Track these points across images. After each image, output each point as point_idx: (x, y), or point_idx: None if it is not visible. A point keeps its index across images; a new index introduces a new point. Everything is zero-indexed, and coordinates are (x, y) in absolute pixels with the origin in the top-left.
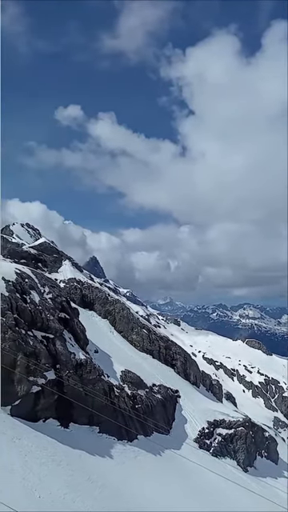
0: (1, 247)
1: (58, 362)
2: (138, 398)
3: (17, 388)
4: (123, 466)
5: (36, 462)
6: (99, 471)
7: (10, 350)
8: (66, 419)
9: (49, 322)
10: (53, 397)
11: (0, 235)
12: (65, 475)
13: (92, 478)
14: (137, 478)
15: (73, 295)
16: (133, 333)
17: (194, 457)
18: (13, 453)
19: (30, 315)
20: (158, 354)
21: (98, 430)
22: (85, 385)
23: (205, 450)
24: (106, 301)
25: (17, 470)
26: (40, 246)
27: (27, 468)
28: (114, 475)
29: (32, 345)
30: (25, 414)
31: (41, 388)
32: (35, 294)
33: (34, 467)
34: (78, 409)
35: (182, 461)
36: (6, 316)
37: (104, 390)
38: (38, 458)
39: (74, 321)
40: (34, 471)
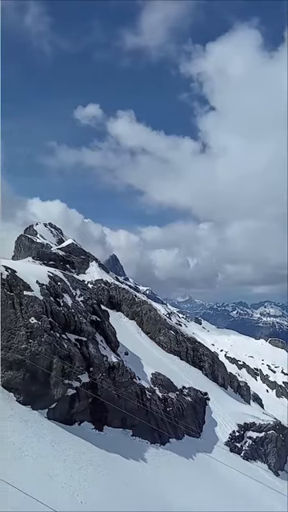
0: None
1: (92, 365)
2: (168, 400)
3: (53, 391)
4: (157, 470)
5: (75, 466)
6: (135, 475)
7: (46, 353)
8: (100, 422)
9: (81, 324)
10: (87, 400)
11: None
12: (103, 480)
13: (129, 483)
14: (171, 482)
15: (100, 296)
16: (160, 334)
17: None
18: (52, 457)
19: (63, 318)
20: (185, 355)
21: (131, 433)
22: (117, 388)
23: (236, 454)
24: (133, 302)
25: (58, 475)
26: (68, 248)
27: (67, 473)
28: (149, 479)
29: (66, 348)
30: (61, 417)
31: (76, 391)
32: (68, 297)
33: (74, 472)
34: (112, 412)
35: (215, 464)
36: (42, 320)
37: (136, 393)
38: (76, 462)
39: (105, 323)
40: (74, 476)
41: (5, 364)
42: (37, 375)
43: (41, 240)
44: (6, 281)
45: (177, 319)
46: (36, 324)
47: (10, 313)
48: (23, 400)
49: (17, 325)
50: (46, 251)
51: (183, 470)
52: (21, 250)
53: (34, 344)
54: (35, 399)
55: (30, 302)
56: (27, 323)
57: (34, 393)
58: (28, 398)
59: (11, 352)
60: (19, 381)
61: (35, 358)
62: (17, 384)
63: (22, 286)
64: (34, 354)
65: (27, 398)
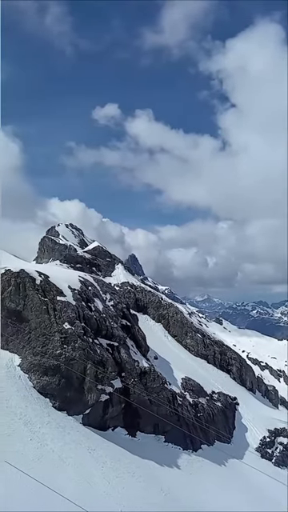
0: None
1: (123, 370)
2: (199, 406)
3: (87, 397)
4: (191, 477)
5: (113, 474)
6: (169, 482)
7: (80, 358)
8: (132, 428)
9: (113, 329)
10: (120, 405)
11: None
12: (139, 487)
13: (164, 490)
14: (204, 488)
15: (127, 299)
16: (187, 337)
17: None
18: (90, 464)
19: (95, 323)
20: (213, 359)
21: (163, 439)
22: (149, 393)
23: (267, 460)
24: (159, 305)
25: (97, 483)
26: (94, 250)
27: (106, 480)
28: (183, 486)
29: (99, 353)
30: (95, 423)
31: (109, 396)
32: (98, 302)
33: (112, 479)
34: (144, 418)
35: (246, 471)
36: (75, 325)
37: (168, 399)
38: (113, 469)
39: (135, 328)
40: (113, 484)
41: (40, 369)
42: (71, 381)
43: (64, 241)
44: (40, 286)
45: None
46: (70, 329)
47: (44, 318)
48: (59, 406)
49: (51, 330)
50: (72, 254)
51: (216, 476)
52: (44, 252)
53: (68, 349)
54: (70, 405)
55: (63, 308)
56: (61, 329)
57: (69, 398)
58: (63, 403)
59: (46, 357)
60: (54, 386)
61: (70, 364)
62: (52, 390)
63: (55, 292)
64: (69, 359)
65: (62, 403)
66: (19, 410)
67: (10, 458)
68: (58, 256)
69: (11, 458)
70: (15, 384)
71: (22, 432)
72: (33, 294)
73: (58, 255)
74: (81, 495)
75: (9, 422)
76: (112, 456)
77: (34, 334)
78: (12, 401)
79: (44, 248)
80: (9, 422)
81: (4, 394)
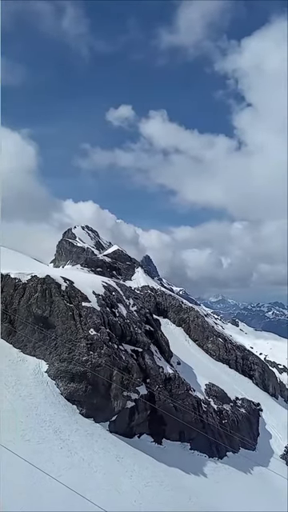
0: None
1: (148, 377)
2: (224, 412)
3: (113, 404)
4: (218, 486)
5: (141, 482)
6: (197, 491)
7: (106, 365)
8: (158, 435)
9: (137, 335)
10: (146, 412)
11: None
12: (168, 496)
13: (192, 499)
14: (231, 497)
15: (147, 303)
16: (208, 341)
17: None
18: (119, 472)
19: (120, 329)
20: (234, 363)
21: (189, 446)
22: (174, 400)
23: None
24: (179, 308)
25: (126, 492)
26: (114, 254)
27: (135, 489)
28: (211, 495)
29: (124, 359)
30: (121, 430)
31: (134, 403)
32: (122, 307)
33: (141, 488)
34: (170, 425)
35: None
36: (101, 331)
37: (193, 406)
38: (142, 478)
39: (158, 333)
40: (142, 493)
41: (67, 376)
42: (98, 388)
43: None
44: (66, 292)
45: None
46: (95, 336)
47: (70, 324)
48: (86, 413)
49: (77, 336)
50: (93, 258)
51: (242, 484)
52: (62, 254)
53: (94, 356)
54: (97, 412)
55: (88, 314)
56: (87, 335)
57: (96, 405)
58: (90, 410)
59: (73, 364)
60: (81, 393)
61: (96, 370)
62: (79, 396)
63: (80, 297)
64: (95, 365)
65: (89, 410)
66: (48, 417)
67: (41, 466)
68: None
69: (43, 466)
70: (43, 391)
71: (52, 440)
72: (59, 300)
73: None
74: (111, 504)
75: (39, 430)
76: (140, 464)
77: (60, 340)
78: (41, 408)
79: (62, 251)
80: (39, 429)
81: (33, 400)
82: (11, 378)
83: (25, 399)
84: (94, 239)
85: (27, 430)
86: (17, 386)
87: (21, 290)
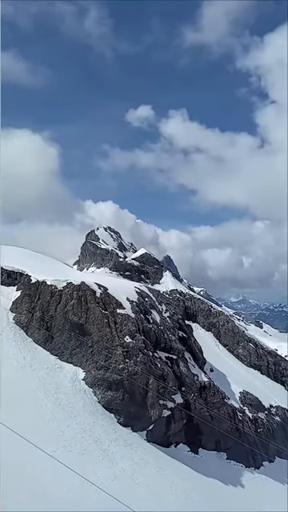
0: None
1: (183, 385)
2: (259, 421)
3: (150, 412)
4: (256, 497)
5: (182, 494)
6: (236, 503)
7: (142, 373)
8: (194, 445)
9: (171, 342)
10: (182, 421)
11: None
12: (211, 508)
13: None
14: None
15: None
16: (239, 347)
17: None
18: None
19: (154, 336)
20: (266, 369)
21: (225, 456)
22: (210, 408)
23: None
24: (209, 313)
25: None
26: (142, 258)
27: (178, 502)
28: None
29: (160, 367)
30: (158, 439)
31: (171, 412)
32: (155, 314)
33: (183, 500)
34: (206, 434)
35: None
36: (136, 338)
37: (228, 414)
38: (182, 490)
39: (192, 339)
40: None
41: (104, 384)
42: (135, 396)
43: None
44: (101, 299)
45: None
46: (131, 343)
47: (106, 332)
48: (123, 421)
49: (113, 344)
50: (121, 262)
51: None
52: (86, 256)
53: (130, 364)
54: (134, 421)
55: (123, 321)
56: (123, 342)
57: (133, 414)
58: (127, 419)
59: (109, 372)
60: (119, 402)
61: (132, 379)
62: (117, 405)
63: (114, 304)
64: (132, 374)
65: (127, 419)
66: (88, 426)
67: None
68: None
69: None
70: (81, 399)
71: (94, 450)
72: (94, 307)
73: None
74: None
75: (80, 440)
76: (179, 475)
77: (96, 348)
78: (80, 417)
79: (86, 252)
80: (80, 439)
81: (72, 409)
82: (50, 386)
83: (64, 408)
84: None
85: (69, 440)
86: (56, 394)
87: (57, 296)
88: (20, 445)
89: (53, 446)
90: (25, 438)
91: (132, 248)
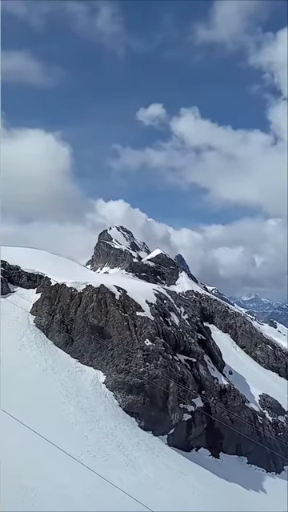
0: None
1: (203, 388)
2: (279, 425)
3: (171, 416)
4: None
5: (205, 500)
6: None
7: (162, 376)
8: (215, 449)
9: (190, 345)
10: (203, 425)
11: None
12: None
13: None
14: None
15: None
16: (256, 348)
17: None
18: (183, 490)
19: (174, 339)
20: (284, 371)
21: (246, 460)
22: (230, 412)
23: None
24: (226, 314)
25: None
26: (157, 259)
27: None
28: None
29: (180, 371)
30: (179, 444)
31: (191, 416)
32: (174, 316)
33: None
34: (226, 438)
35: None
36: (156, 341)
37: (249, 418)
38: (206, 496)
39: (210, 342)
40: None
41: (125, 387)
42: (155, 400)
43: (118, 246)
44: (120, 302)
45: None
46: (151, 346)
47: (126, 335)
48: (144, 425)
49: (133, 347)
50: (137, 263)
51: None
52: (100, 256)
53: (150, 367)
54: (155, 425)
55: (143, 324)
56: (143, 345)
57: (154, 418)
58: (148, 423)
59: (130, 375)
60: (140, 405)
61: (153, 382)
62: (138, 409)
63: (134, 307)
64: (152, 377)
65: (148, 423)
66: (110, 430)
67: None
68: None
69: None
70: (103, 403)
71: (117, 456)
72: (114, 309)
73: (113, 260)
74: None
75: (103, 445)
76: (201, 481)
77: (116, 351)
78: (102, 421)
79: (99, 252)
80: (103, 444)
81: (94, 413)
82: (72, 390)
83: (87, 412)
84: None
85: (92, 444)
86: (78, 397)
87: (77, 299)
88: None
89: (77, 451)
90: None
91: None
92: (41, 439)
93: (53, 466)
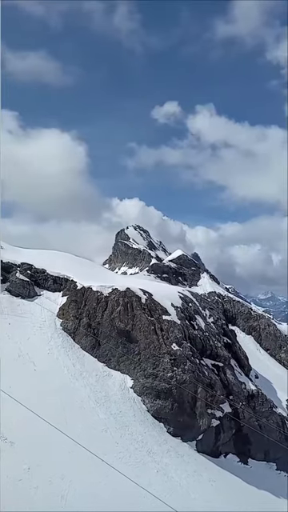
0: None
1: (231, 393)
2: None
3: (199, 422)
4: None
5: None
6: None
7: (190, 382)
8: (244, 455)
9: (217, 349)
10: (231, 431)
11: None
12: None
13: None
14: None
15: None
16: (281, 351)
17: None
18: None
19: (200, 343)
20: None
21: (275, 466)
22: (258, 418)
23: None
24: (249, 316)
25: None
26: (178, 259)
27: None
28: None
29: (207, 376)
30: (208, 450)
31: (219, 422)
32: (200, 319)
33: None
34: (255, 444)
35: None
36: (183, 346)
37: (277, 423)
38: (237, 504)
39: (236, 345)
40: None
41: (153, 393)
42: (183, 405)
43: (136, 246)
44: (146, 305)
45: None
46: (178, 351)
47: (153, 339)
48: (173, 431)
49: (160, 351)
50: (159, 264)
51: None
52: (118, 256)
53: (178, 372)
54: (184, 430)
55: (169, 328)
56: (170, 350)
57: (182, 424)
58: (177, 429)
59: (158, 380)
60: (168, 411)
61: (181, 387)
62: (166, 414)
63: (160, 311)
64: (180, 382)
65: (176, 429)
66: (140, 436)
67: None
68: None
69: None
70: (131, 408)
71: (148, 463)
72: (140, 313)
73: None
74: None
75: (134, 452)
76: (231, 487)
77: (143, 355)
78: (132, 427)
79: (117, 252)
80: (134, 451)
81: (123, 419)
82: (101, 395)
83: (116, 417)
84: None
85: (123, 451)
86: (107, 403)
87: (103, 303)
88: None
89: (110, 458)
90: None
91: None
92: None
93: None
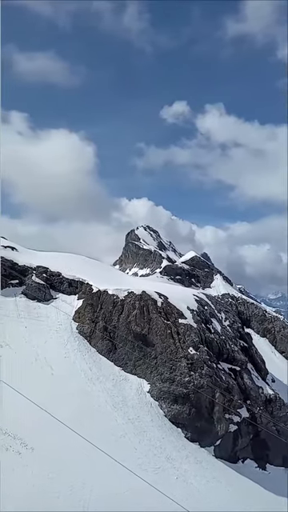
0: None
1: (248, 398)
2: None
3: (217, 427)
4: None
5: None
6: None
7: (208, 386)
8: (262, 460)
9: (234, 353)
10: (249, 436)
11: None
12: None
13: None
14: None
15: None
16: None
17: None
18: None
19: (217, 347)
20: None
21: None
22: (276, 422)
23: None
24: (263, 318)
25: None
26: (192, 261)
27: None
28: None
29: (225, 380)
30: (226, 455)
31: (237, 427)
32: (216, 323)
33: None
34: (273, 449)
35: None
36: (200, 350)
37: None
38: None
39: (253, 349)
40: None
41: (170, 397)
42: (201, 410)
43: (147, 247)
44: (162, 308)
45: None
46: (195, 355)
47: (169, 343)
48: (191, 437)
49: (177, 356)
50: (172, 266)
51: None
52: (128, 256)
53: (195, 376)
54: (202, 436)
55: (186, 331)
56: (187, 354)
57: (200, 429)
58: (195, 434)
59: (175, 385)
60: (185, 416)
61: (198, 392)
62: (183, 419)
63: (176, 314)
64: (197, 387)
65: (194, 434)
66: (158, 442)
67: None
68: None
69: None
70: (148, 412)
71: (167, 469)
72: (156, 317)
73: (142, 260)
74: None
75: (152, 458)
76: (250, 494)
77: (160, 359)
78: (150, 432)
79: (128, 253)
80: (152, 457)
81: (141, 424)
82: (118, 399)
83: (134, 422)
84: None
85: (142, 457)
86: (124, 407)
87: (119, 306)
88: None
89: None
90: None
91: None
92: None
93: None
